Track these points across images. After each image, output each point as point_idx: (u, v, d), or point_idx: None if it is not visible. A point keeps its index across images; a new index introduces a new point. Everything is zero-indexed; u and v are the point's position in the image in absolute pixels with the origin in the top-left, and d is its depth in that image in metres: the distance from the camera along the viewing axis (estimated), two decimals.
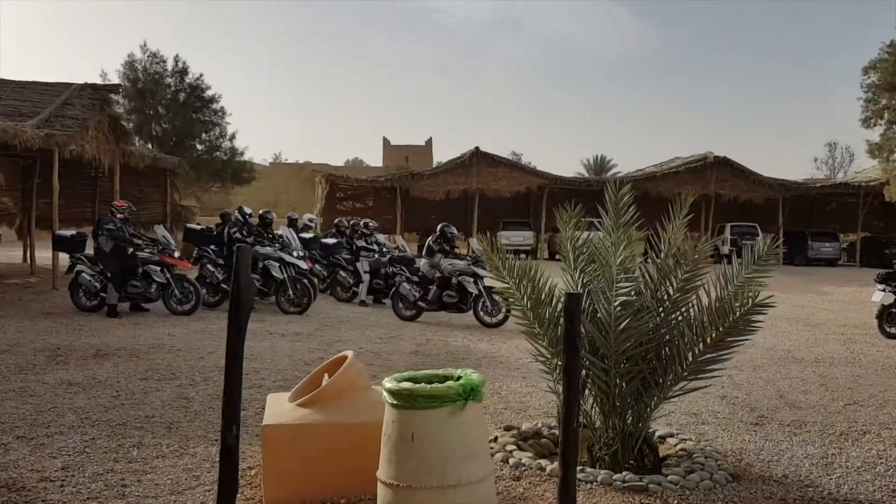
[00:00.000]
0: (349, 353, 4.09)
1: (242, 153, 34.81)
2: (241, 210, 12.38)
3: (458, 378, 3.16)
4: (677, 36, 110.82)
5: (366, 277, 13.10)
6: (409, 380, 3.21)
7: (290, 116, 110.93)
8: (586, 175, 51.11)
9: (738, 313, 4.08)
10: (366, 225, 15.16)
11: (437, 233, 11.41)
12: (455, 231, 11.64)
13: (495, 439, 4.82)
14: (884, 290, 10.77)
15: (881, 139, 25.90)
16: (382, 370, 6.81)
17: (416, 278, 11.39)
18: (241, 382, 2.75)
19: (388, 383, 3.15)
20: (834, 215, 35.02)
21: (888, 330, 10.61)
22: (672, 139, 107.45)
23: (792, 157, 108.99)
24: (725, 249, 26.66)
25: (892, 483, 4.31)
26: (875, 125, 25.97)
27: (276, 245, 11.87)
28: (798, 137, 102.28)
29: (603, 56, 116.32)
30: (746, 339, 4.31)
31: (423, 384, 3.11)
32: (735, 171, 29.94)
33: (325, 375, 4.16)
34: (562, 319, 3.80)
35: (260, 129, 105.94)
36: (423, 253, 11.72)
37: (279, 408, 3.99)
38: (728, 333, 4.19)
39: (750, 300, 4.03)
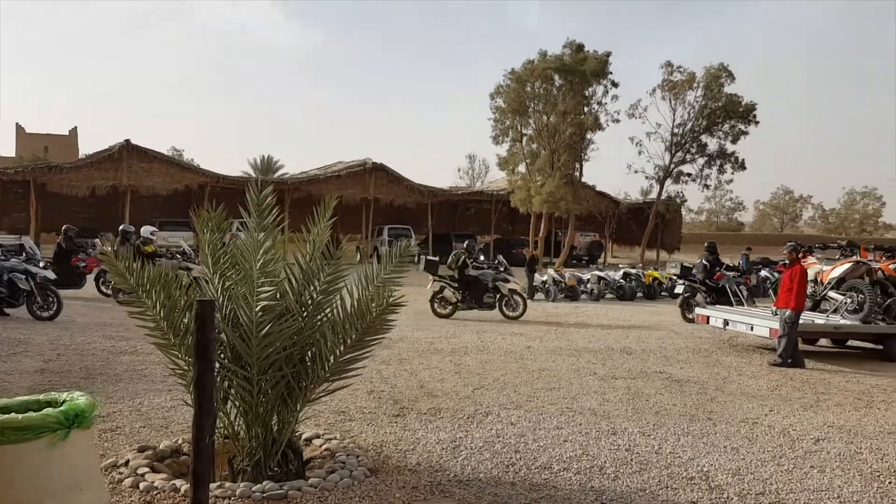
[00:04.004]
0: None
1: None
2: None
3: (62, 403, 2.72)
4: (339, 41, 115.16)
5: None
6: None
7: None
8: (253, 175, 50.12)
9: (374, 313, 4.27)
10: None
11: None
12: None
13: (126, 463, 4.36)
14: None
15: (507, 154, 30.13)
16: None
17: None
18: None
19: None
20: (473, 219, 39.94)
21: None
22: (338, 142, 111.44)
23: (440, 165, 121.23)
24: (383, 250, 28.46)
25: (506, 459, 4.90)
26: (502, 142, 30.15)
27: (22, 256, 12.11)
28: (446, 148, 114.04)
29: (271, 54, 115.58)
30: (383, 338, 4.52)
31: (13, 414, 2.61)
32: (391, 177, 32.07)
33: None
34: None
35: None
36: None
37: None
38: (366, 333, 4.36)
39: (385, 300, 4.24)
